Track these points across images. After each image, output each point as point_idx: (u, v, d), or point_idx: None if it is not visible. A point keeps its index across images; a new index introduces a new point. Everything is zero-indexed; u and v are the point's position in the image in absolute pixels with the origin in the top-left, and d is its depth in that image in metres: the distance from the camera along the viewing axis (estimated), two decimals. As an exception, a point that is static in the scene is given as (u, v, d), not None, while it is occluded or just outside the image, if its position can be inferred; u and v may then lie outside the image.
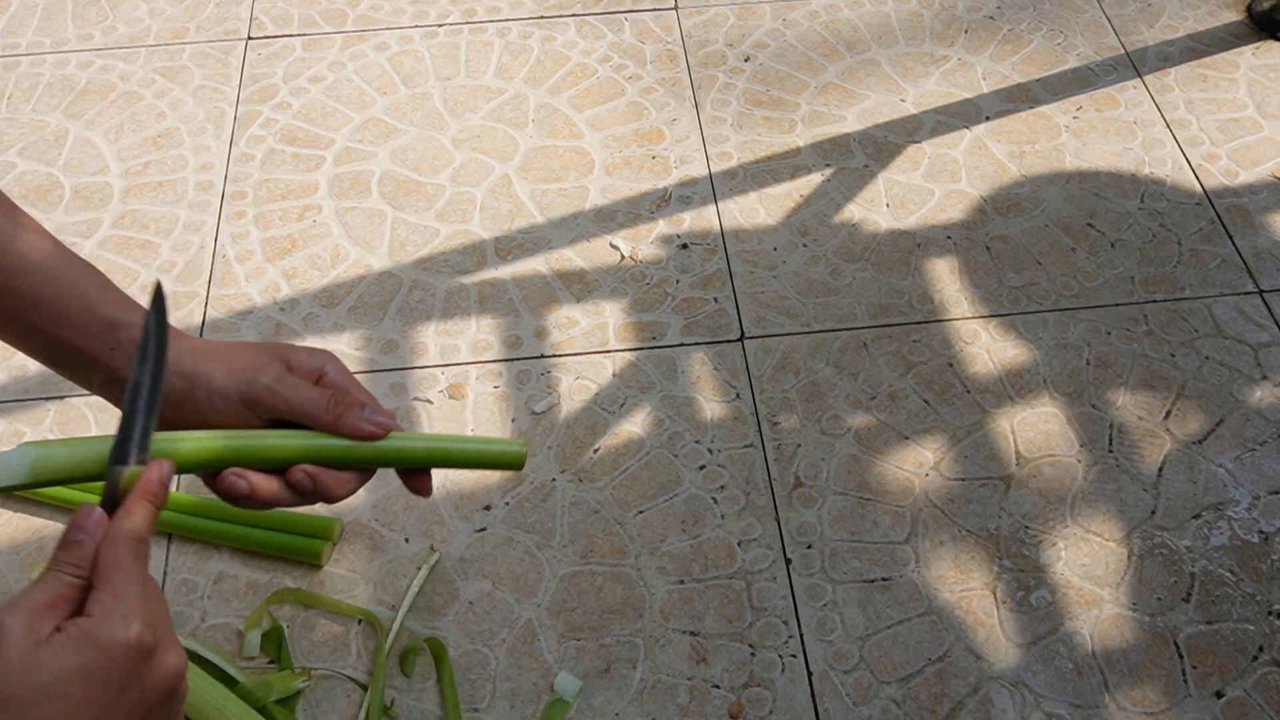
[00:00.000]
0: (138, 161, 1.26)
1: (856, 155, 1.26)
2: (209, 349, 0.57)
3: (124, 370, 0.56)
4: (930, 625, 0.92)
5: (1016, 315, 1.12)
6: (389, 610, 0.92)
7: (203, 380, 0.55)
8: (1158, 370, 1.07)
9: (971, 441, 1.03)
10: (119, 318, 0.57)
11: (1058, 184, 1.23)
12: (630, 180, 1.24)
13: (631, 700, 0.88)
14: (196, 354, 0.56)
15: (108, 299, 0.57)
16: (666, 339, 1.10)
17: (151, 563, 0.94)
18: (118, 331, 0.56)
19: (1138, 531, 0.97)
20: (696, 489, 1.00)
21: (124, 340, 0.56)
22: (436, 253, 1.17)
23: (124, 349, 0.56)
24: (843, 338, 1.10)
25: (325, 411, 0.56)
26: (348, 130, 1.29)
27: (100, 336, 0.56)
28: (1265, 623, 0.92)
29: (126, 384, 0.53)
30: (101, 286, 0.57)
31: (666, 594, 0.93)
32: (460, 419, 1.04)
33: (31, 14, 1.44)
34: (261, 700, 0.85)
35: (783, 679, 0.89)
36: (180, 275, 1.15)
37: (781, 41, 1.39)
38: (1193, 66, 1.36)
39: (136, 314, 0.57)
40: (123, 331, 0.56)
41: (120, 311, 0.57)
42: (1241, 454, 1.01)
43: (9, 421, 1.04)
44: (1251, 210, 1.20)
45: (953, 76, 1.35)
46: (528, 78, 1.35)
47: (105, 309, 0.56)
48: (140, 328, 0.55)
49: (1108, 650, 0.90)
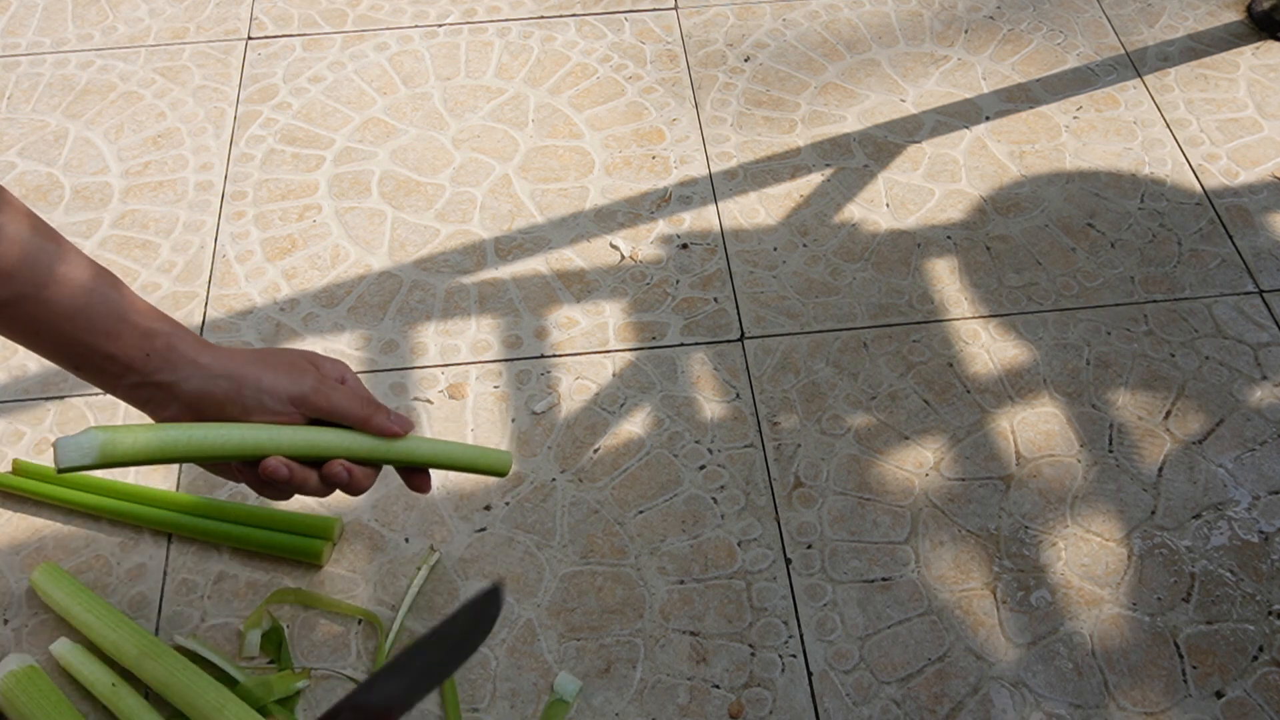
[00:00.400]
0: (138, 161, 1.26)
1: (856, 155, 1.26)
2: (247, 355, 0.64)
3: (159, 375, 0.61)
4: (930, 625, 0.92)
5: (1016, 315, 1.12)
6: (389, 610, 0.92)
7: (250, 381, 0.62)
8: (1158, 370, 1.07)
9: (971, 441, 1.03)
10: (153, 326, 0.62)
11: (1058, 184, 1.23)
12: (630, 180, 1.24)
13: (631, 700, 0.88)
14: (237, 359, 0.63)
15: (138, 307, 0.62)
16: (666, 339, 1.10)
17: (151, 563, 0.94)
18: (154, 339, 0.61)
19: (1138, 531, 0.97)
20: (696, 489, 1.00)
21: (160, 347, 0.61)
22: (436, 253, 1.17)
23: (160, 355, 0.61)
24: (843, 338, 1.10)
25: (360, 409, 0.66)
26: (348, 130, 1.29)
27: (136, 344, 0.61)
28: (1265, 623, 0.92)
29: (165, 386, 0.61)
30: (129, 297, 0.62)
31: (666, 594, 0.93)
32: (460, 419, 1.04)
33: (31, 14, 1.44)
34: (261, 700, 0.85)
35: (783, 679, 0.89)
36: (180, 275, 1.15)
37: (781, 41, 1.39)
38: (1193, 66, 1.36)
39: (168, 323, 0.63)
40: (159, 339, 0.62)
41: (153, 321, 0.62)
42: (1241, 454, 1.01)
43: (9, 421, 1.04)
44: (1251, 210, 1.20)
45: (953, 76, 1.35)
46: (528, 78, 1.35)
47: (139, 319, 0.62)
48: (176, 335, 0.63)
49: (1108, 650, 0.90)
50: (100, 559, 0.95)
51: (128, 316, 0.61)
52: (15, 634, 0.91)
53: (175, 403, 0.62)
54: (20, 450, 1.02)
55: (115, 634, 0.87)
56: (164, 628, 0.92)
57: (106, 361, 0.61)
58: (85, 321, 0.60)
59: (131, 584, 0.94)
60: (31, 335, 0.60)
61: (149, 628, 0.91)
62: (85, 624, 0.88)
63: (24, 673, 0.84)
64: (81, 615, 0.88)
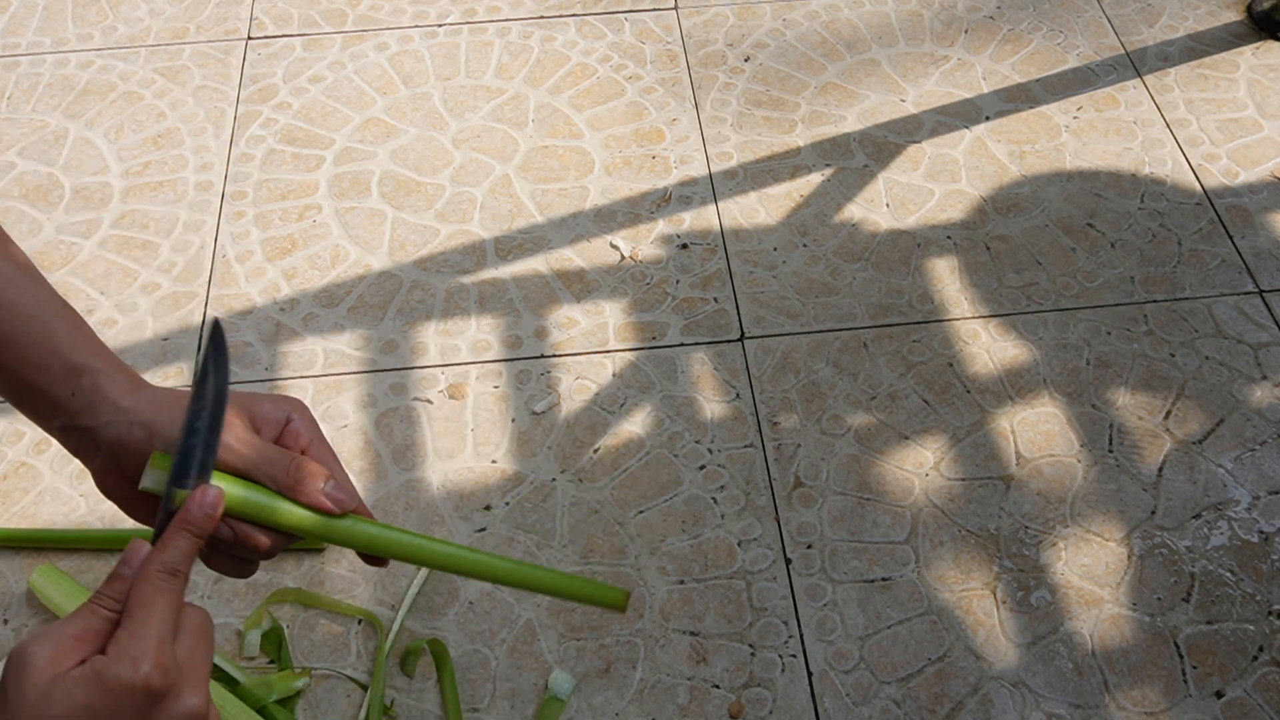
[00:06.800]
0: (138, 161, 1.26)
1: (856, 155, 1.26)
2: (169, 399, 0.55)
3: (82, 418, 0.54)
4: (930, 625, 0.92)
5: (1016, 315, 1.12)
6: (389, 610, 0.92)
7: (162, 432, 0.53)
8: (1158, 370, 1.07)
9: (971, 441, 1.03)
10: (84, 363, 0.54)
11: (1058, 184, 1.23)
12: (630, 180, 1.24)
13: (631, 700, 0.88)
14: (156, 404, 0.55)
15: (76, 342, 0.55)
16: (666, 339, 1.10)
17: (151, 563, 0.94)
18: (81, 377, 0.54)
19: (1138, 531, 0.97)
20: (696, 489, 1.00)
21: (85, 386, 0.54)
22: (436, 253, 1.17)
23: (85, 395, 0.54)
24: (843, 338, 1.10)
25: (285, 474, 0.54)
26: (348, 130, 1.29)
27: (63, 380, 0.54)
28: (1265, 623, 0.92)
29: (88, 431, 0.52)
30: (73, 328, 0.55)
31: (666, 594, 0.93)
32: (460, 419, 1.04)
33: (31, 14, 1.44)
34: (261, 700, 0.85)
35: (783, 679, 0.89)
36: (180, 275, 1.15)
37: (781, 41, 1.39)
38: (1193, 66, 1.36)
39: (103, 359, 0.55)
40: (86, 377, 0.54)
41: (86, 356, 0.55)
42: (1241, 454, 1.01)
43: (9, 421, 1.04)
44: (1251, 210, 1.20)
45: (953, 76, 1.35)
46: (528, 78, 1.35)
47: (72, 352, 0.54)
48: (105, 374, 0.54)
49: (1108, 650, 0.90)
50: (100, 558, 0.95)
51: (61, 350, 0.54)
52: (15, 634, 0.91)
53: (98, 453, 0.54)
54: (20, 450, 1.02)
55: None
56: (164, 628, 0.92)
57: (37, 398, 0.54)
58: (19, 351, 0.54)
59: (131, 584, 0.94)
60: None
61: (149, 628, 0.91)
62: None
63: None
64: (81, 615, 0.88)
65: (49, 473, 1.01)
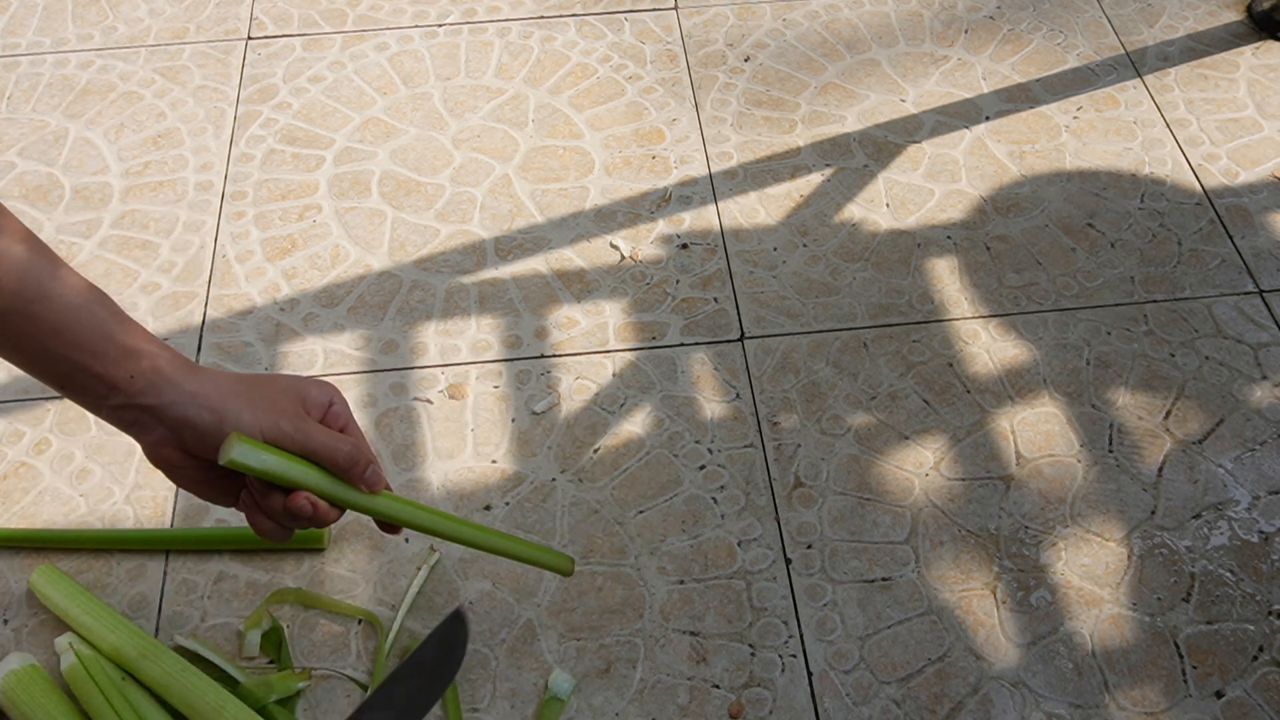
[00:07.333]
0: (138, 161, 1.26)
1: (856, 155, 1.26)
2: (233, 387, 0.63)
3: (143, 398, 0.61)
4: (930, 625, 0.92)
5: (1016, 315, 1.12)
6: (389, 610, 0.92)
7: (231, 418, 0.61)
8: (1158, 370, 1.07)
9: (971, 441, 1.03)
10: (139, 347, 0.61)
11: (1058, 184, 1.23)
12: (630, 180, 1.24)
13: (631, 700, 0.88)
14: (222, 389, 0.62)
15: (124, 327, 0.61)
16: (666, 339, 1.10)
17: (151, 563, 0.94)
18: (139, 360, 0.61)
19: (1138, 531, 0.97)
20: (696, 489, 1.00)
21: (145, 368, 0.61)
22: (436, 253, 1.17)
23: (145, 377, 0.61)
24: (843, 338, 1.10)
25: (342, 459, 0.65)
26: (348, 130, 1.29)
27: (119, 363, 0.60)
28: (1265, 623, 0.92)
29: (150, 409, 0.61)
30: (116, 314, 0.62)
31: (666, 594, 0.93)
32: (460, 419, 1.04)
33: (31, 14, 1.44)
34: (261, 700, 0.85)
35: (783, 679, 0.89)
36: (180, 275, 1.15)
37: (781, 41, 1.39)
38: (1193, 66, 1.36)
39: (153, 343, 0.62)
40: (145, 360, 0.61)
41: (139, 341, 0.61)
42: (1241, 454, 1.01)
43: (9, 421, 1.04)
44: (1251, 210, 1.21)
45: (953, 76, 1.35)
46: (528, 78, 1.35)
47: (125, 337, 0.61)
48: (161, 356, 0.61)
49: (1108, 650, 0.90)
50: (100, 558, 0.95)
51: (114, 336, 0.60)
52: (15, 634, 0.91)
53: (159, 427, 0.62)
54: (20, 450, 1.02)
55: (114, 635, 0.87)
56: (164, 628, 0.92)
57: (91, 381, 0.60)
58: (71, 338, 0.59)
59: (131, 584, 0.94)
60: (17, 350, 0.60)
61: (149, 628, 0.91)
62: (84, 626, 0.88)
63: (25, 671, 0.84)
64: (80, 617, 0.88)
65: (49, 473, 1.01)
